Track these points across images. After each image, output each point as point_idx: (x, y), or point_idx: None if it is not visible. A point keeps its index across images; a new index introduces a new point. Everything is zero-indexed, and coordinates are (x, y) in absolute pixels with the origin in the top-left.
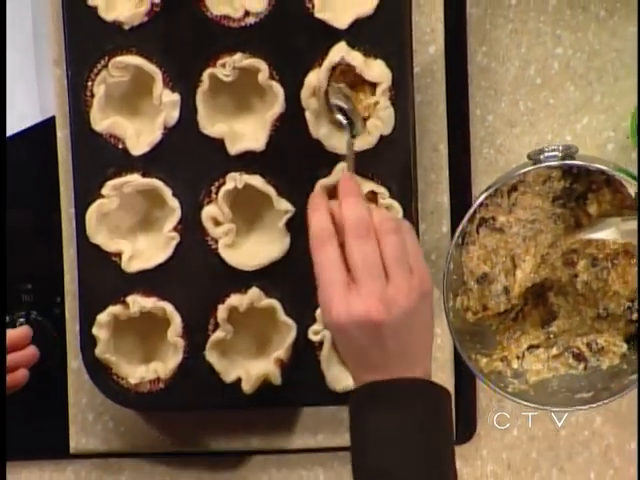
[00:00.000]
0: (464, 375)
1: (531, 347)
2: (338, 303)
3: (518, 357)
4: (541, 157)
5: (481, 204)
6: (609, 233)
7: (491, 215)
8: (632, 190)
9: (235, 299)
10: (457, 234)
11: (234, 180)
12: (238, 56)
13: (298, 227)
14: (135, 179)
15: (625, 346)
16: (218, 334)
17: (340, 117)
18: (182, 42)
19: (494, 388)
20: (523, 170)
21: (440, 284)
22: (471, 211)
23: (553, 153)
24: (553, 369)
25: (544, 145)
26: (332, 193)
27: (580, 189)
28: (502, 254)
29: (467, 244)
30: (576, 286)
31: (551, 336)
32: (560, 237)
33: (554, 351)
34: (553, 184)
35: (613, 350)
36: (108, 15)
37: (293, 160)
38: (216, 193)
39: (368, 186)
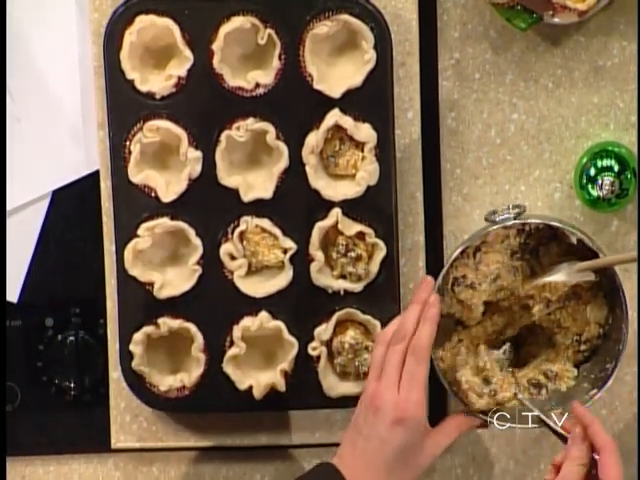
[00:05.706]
0: (438, 389)
1: None
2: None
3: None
4: (496, 219)
5: (451, 265)
6: (559, 276)
7: (461, 274)
8: (574, 239)
9: (247, 321)
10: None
11: (246, 223)
12: (250, 120)
13: (299, 262)
14: (165, 222)
15: (576, 371)
16: (233, 350)
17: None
18: (203, 109)
19: (489, 420)
20: (484, 232)
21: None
22: (444, 271)
23: (506, 215)
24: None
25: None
26: None
27: (533, 243)
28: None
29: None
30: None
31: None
32: (518, 287)
33: None
34: (510, 241)
35: (567, 375)
36: (142, 87)
37: (295, 206)
38: (232, 233)
39: (357, 227)
